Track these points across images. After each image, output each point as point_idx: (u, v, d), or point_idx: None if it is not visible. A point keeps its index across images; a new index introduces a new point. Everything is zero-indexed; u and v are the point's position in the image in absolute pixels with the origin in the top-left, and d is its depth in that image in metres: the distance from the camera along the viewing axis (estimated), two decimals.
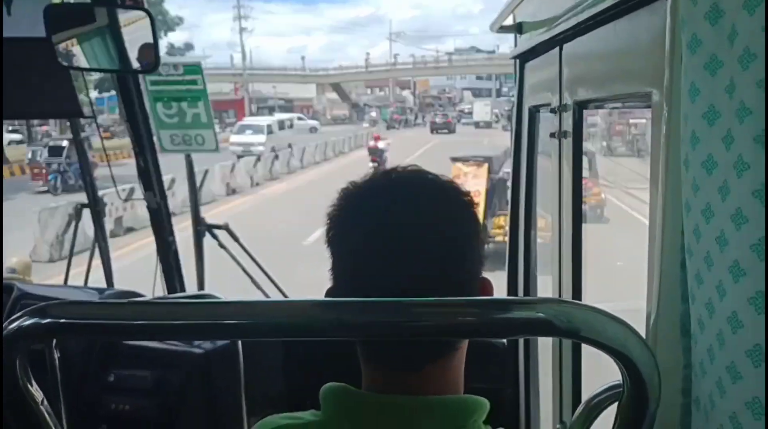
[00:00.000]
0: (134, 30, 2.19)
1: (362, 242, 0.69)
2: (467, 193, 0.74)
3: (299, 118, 39.97)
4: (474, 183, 9.15)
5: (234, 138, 24.96)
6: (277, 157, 20.75)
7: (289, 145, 22.88)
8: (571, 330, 0.49)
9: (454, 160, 10.19)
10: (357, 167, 12.20)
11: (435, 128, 41.59)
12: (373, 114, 49.88)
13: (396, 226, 0.68)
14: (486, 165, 9.83)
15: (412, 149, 25.17)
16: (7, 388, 0.56)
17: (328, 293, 0.72)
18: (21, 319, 0.54)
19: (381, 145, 19.91)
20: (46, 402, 0.60)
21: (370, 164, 17.31)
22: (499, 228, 8.77)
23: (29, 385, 0.57)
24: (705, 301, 0.57)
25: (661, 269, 0.71)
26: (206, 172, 11.78)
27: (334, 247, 0.72)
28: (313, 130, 39.57)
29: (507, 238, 1.99)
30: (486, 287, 0.72)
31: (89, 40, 2.21)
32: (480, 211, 7.91)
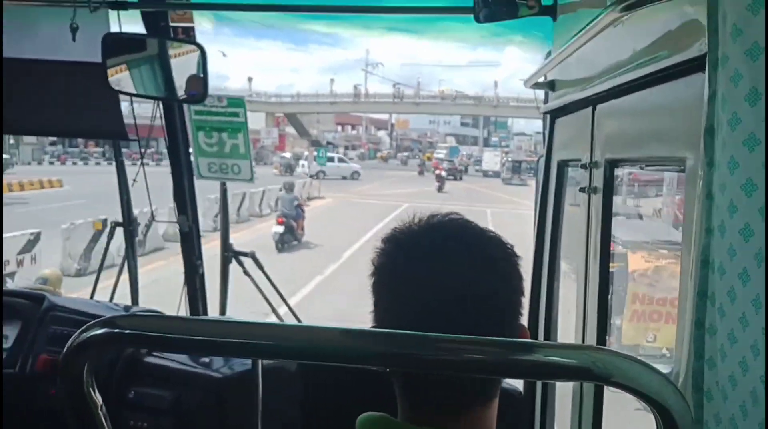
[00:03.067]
0: (184, 61, 2.31)
1: (406, 292, 0.70)
2: (510, 245, 0.76)
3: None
4: None
5: None
6: None
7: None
8: (608, 377, 0.50)
9: None
10: None
11: (443, 178, 32.65)
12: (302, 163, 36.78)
13: (440, 277, 0.69)
14: None
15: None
16: (74, 394, 0.61)
17: None
18: (93, 329, 0.58)
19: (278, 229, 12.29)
20: (104, 408, 0.64)
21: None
22: None
23: (93, 392, 0.61)
24: (739, 360, 0.60)
25: (686, 329, 0.73)
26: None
27: (377, 293, 0.74)
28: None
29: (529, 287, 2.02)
30: (523, 333, 0.74)
31: (140, 68, 2.33)
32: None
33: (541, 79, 1.93)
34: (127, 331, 0.59)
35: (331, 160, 38.49)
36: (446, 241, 0.73)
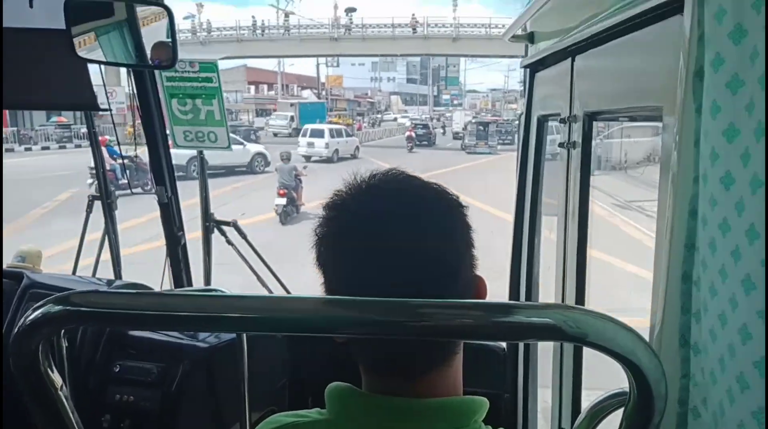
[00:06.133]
0: (153, 26, 2.22)
1: (354, 257, 0.68)
2: (455, 196, 0.74)
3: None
4: None
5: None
6: None
7: None
8: (580, 336, 0.49)
9: None
10: None
11: (415, 141, 30.58)
12: None
13: (389, 238, 0.67)
14: None
15: None
16: (29, 374, 0.58)
17: None
18: (46, 306, 0.56)
19: None
20: (65, 388, 0.61)
21: None
22: None
23: (50, 371, 0.59)
24: (718, 313, 0.58)
25: (667, 281, 0.72)
26: None
27: (325, 265, 0.72)
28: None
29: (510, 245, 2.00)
30: (480, 285, 0.73)
31: (107, 34, 2.24)
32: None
33: (520, 32, 1.87)
34: (84, 309, 0.56)
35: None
36: (387, 201, 0.70)
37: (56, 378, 0.60)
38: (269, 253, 3.14)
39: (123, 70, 2.51)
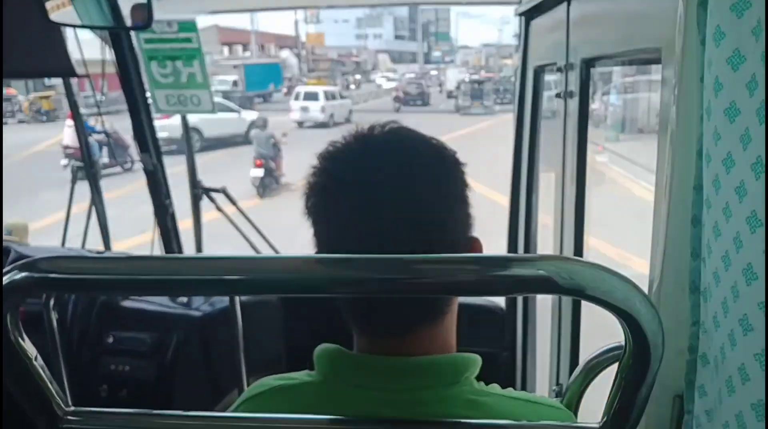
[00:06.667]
0: None
1: (345, 209, 0.67)
2: (453, 151, 0.72)
3: None
4: None
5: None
6: None
7: None
8: (574, 287, 0.48)
9: None
10: None
11: (403, 101, 28.79)
12: None
13: (380, 190, 0.66)
14: None
15: None
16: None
17: None
18: (12, 273, 0.53)
19: None
20: (40, 359, 0.59)
21: None
22: None
23: (21, 341, 0.56)
24: (722, 254, 0.56)
25: (668, 226, 0.70)
26: None
27: (315, 214, 0.70)
28: None
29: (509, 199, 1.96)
30: (476, 246, 0.72)
31: None
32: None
33: None
34: (53, 275, 0.53)
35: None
36: (381, 153, 0.69)
37: (29, 347, 0.57)
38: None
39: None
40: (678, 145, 0.67)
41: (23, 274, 0.52)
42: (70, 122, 11.24)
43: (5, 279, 0.52)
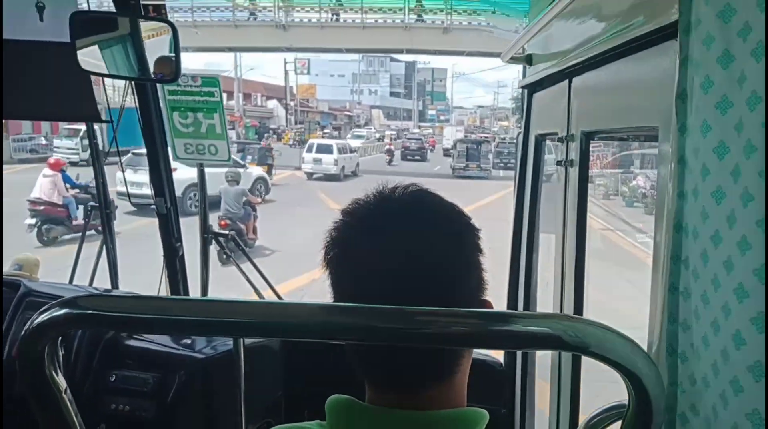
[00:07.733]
0: (156, 40, 2.26)
1: (363, 264, 0.70)
2: (469, 217, 0.75)
3: None
4: None
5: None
6: None
7: None
8: (581, 345, 0.50)
9: None
10: None
11: (403, 155, 30.18)
12: None
13: (398, 249, 0.69)
14: None
15: None
16: (34, 377, 0.59)
17: None
18: (53, 309, 0.56)
19: None
20: (69, 391, 0.62)
21: None
22: None
23: (55, 374, 0.59)
24: (711, 320, 0.61)
25: (656, 292, 0.74)
26: None
27: (334, 266, 0.73)
28: None
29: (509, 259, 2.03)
30: (488, 308, 0.74)
31: (111, 48, 2.27)
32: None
33: (519, 54, 1.92)
34: (89, 312, 0.57)
35: None
36: (404, 214, 0.72)
37: (61, 381, 0.60)
38: None
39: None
40: (670, 223, 0.70)
41: (63, 310, 0.56)
42: (48, 171, 9.93)
43: (45, 315, 0.56)
